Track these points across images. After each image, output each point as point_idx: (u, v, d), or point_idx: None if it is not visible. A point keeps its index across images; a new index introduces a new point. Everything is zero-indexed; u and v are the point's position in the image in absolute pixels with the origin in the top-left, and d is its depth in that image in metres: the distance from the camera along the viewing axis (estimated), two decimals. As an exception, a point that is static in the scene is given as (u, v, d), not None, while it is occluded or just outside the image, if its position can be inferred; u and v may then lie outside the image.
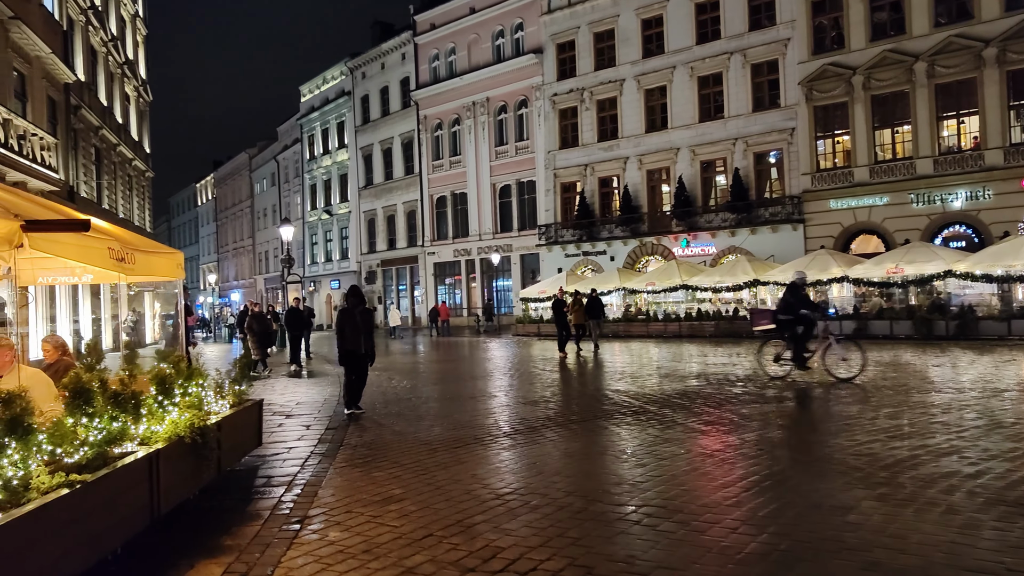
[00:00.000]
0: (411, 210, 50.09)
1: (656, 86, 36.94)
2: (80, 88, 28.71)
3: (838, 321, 23.81)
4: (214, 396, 6.78)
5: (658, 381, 13.43)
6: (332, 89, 57.91)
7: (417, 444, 8.11)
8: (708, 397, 10.97)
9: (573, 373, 15.58)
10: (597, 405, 10.61)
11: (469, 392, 12.85)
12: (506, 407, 10.78)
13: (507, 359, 20.44)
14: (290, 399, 12.61)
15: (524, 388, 13.15)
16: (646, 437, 8.03)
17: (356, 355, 10.39)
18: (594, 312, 23.01)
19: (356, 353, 10.38)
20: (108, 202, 32.62)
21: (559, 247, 39.98)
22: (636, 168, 37.48)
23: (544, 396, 11.88)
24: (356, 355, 10.39)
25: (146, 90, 41.62)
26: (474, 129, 45.24)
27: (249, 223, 74.66)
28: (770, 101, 33.79)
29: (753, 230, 33.48)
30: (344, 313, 10.51)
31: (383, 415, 10.43)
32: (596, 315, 23.19)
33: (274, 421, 10.11)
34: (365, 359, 10.49)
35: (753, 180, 34.16)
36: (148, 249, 6.43)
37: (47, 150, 20.90)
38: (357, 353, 10.38)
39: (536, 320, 33.02)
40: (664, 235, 36.18)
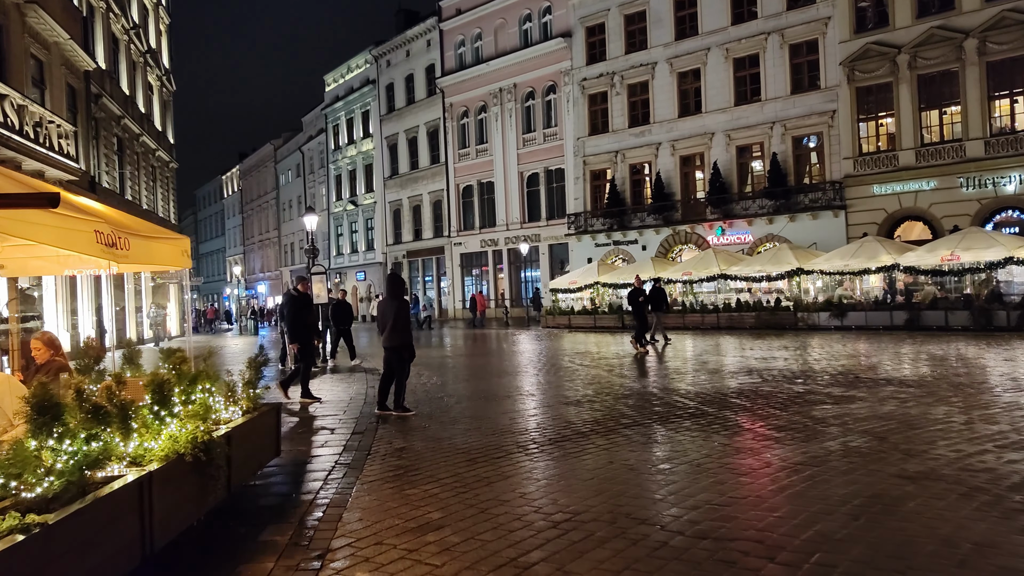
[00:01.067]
0: (437, 200, 49.27)
1: (689, 69, 35.69)
2: (101, 76, 28.16)
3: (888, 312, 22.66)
4: (224, 402, 5.94)
5: (707, 378, 12.44)
6: (357, 78, 57.18)
7: (453, 452, 7.23)
8: (769, 397, 9.97)
9: (615, 370, 14.61)
10: (647, 406, 9.66)
11: (505, 390, 11.96)
12: (547, 408, 9.87)
13: (541, 353, 19.53)
14: (316, 395, 11.79)
15: (564, 386, 12.23)
16: (714, 447, 7.07)
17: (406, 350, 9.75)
18: (658, 303, 20.96)
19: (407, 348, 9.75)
20: (131, 193, 32.14)
21: (589, 236, 38.94)
22: (669, 154, 36.30)
23: (587, 395, 10.95)
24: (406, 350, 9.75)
25: (169, 80, 41.14)
26: (501, 116, 44.25)
27: (274, 215, 74.36)
28: (809, 83, 32.44)
29: (792, 217, 32.20)
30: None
31: (413, 416, 9.57)
32: (660, 307, 21.17)
33: (295, 425, 9.29)
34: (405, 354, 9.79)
35: (792, 165, 32.86)
36: (148, 234, 5.58)
37: (65, 138, 20.29)
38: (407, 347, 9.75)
39: (567, 312, 32.06)
40: (698, 223, 35.00)
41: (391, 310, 9.74)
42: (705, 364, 14.72)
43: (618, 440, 7.53)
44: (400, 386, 9.82)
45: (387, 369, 9.80)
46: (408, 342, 9.75)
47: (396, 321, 9.62)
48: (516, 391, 11.70)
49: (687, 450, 6.96)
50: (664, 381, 12.26)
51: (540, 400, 10.62)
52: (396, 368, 9.79)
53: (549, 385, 12.37)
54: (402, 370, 9.80)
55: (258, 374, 6.49)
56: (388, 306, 9.78)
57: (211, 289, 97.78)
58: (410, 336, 9.80)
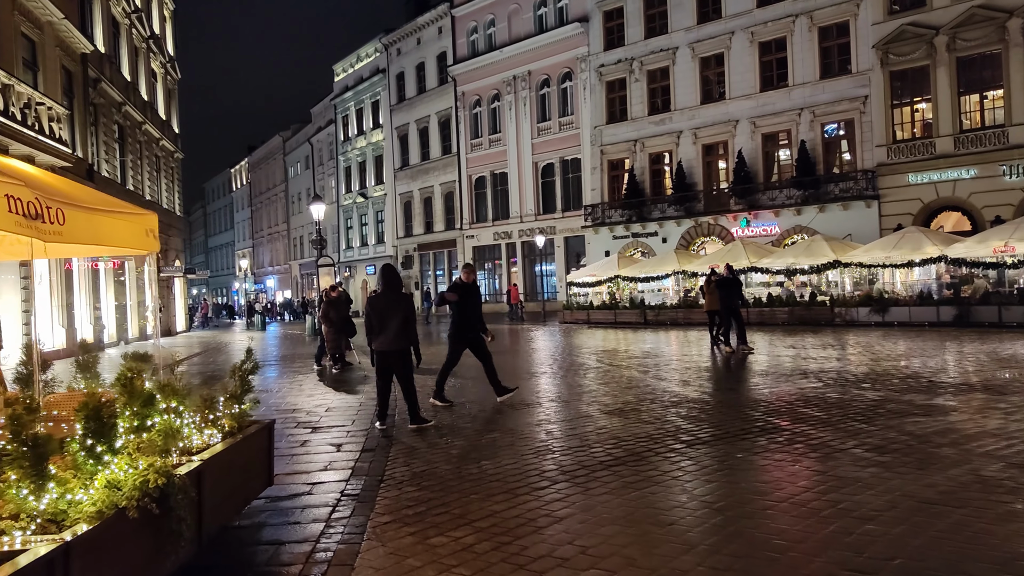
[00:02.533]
0: (449, 192, 47.94)
1: (712, 54, 34.20)
2: (100, 60, 26.94)
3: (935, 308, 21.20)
4: (199, 423, 4.64)
5: (760, 382, 11.09)
6: (366, 67, 55.86)
7: (485, 480, 5.92)
8: (844, 406, 8.61)
9: (650, 371, 13.27)
10: (704, 418, 8.32)
11: (534, 395, 10.63)
12: (587, 420, 8.53)
13: (564, 351, 18.19)
14: (319, 403, 10.50)
15: (599, 390, 10.90)
16: (812, 477, 5.73)
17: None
18: (733, 295, 17.40)
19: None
20: (133, 183, 30.94)
21: (606, 228, 37.53)
22: (690, 143, 34.84)
23: (628, 402, 9.62)
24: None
25: (174, 67, 39.92)
26: (515, 105, 42.85)
27: (283, 208, 73.22)
28: (840, 67, 30.92)
29: (821, 208, 30.70)
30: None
31: (432, 428, 8.26)
32: (735, 300, 17.53)
33: (296, 437, 8.00)
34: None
35: (821, 153, 31.38)
36: (95, 205, 4.27)
37: (56, 121, 19.06)
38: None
39: (585, 307, 30.69)
40: (721, 214, 33.55)
41: (397, 307, 8.36)
42: (751, 365, 13.35)
43: (685, 465, 6.19)
44: (407, 390, 8.51)
45: (385, 379, 8.50)
46: (416, 345, 8.45)
47: (406, 321, 8.27)
48: (547, 397, 10.36)
49: (779, 482, 5.62)
50: (712, 385, 10.91)
51: (576, 409, 9.28)
52: (402, 376, 8.43)
53: (583, 390, 11.03)
54: (410, 377, 8.47)
55: (244, 384, 5.19)
56: (390, 302, 8.37)
57: (220, 283, 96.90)
58: (417, 338, 8.51)
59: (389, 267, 8.79)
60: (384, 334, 8.26)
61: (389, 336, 8.26)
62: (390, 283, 8.51)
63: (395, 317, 8.31)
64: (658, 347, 18.29)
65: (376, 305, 8.36)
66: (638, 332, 24.27)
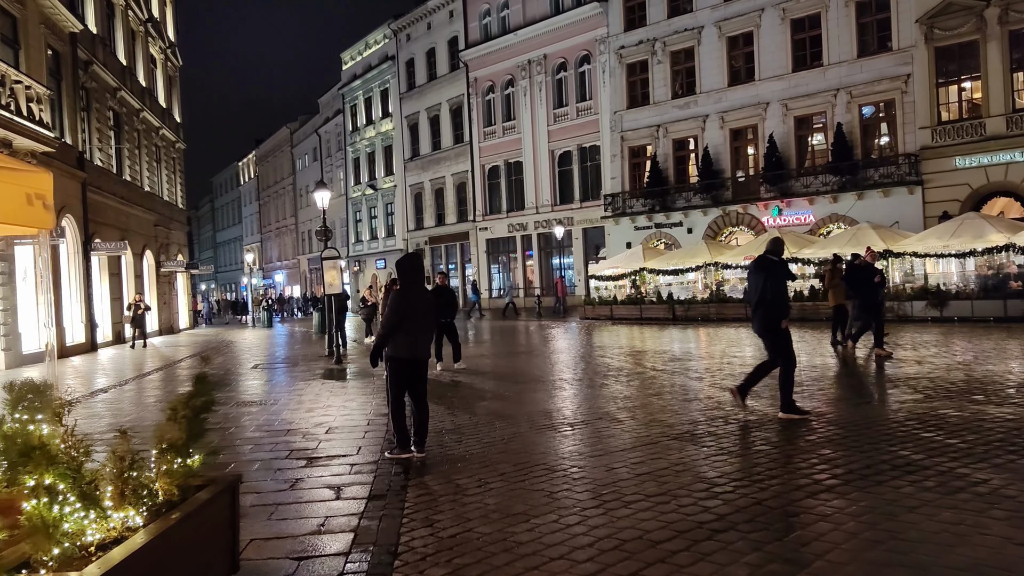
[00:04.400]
0: (461, 182, 46.18)
1: (741, 32, 32.27)
2: (92, 41, 25.30)
3: (1001, 302, 19.31)
4: (111, 498, 2.93)
5: (844, 394, 9.33)
6: (375, 54, 54.12)
7: (540, 557, 4.18)
8: (975, 428, 6.83)
9: (704, 378, 11.50)
10: (817, 456, 6.54)
11: (579, 412, 8.90)
12: (657, 449, 6.77)
13: (596, 353, 16.43)
14: (320, 421, 8.80)
15: (653, 404, 9.15)
16: (1011, 549, 3.98)
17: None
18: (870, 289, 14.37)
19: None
20: (130, 172, 29.33)
21: (627, 219, 35.69)
22: (717, 127, 32.94)
23: (698, 423, 7.86)
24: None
25: (175, 54, 38.27)
26: (530, 90, 41.01)
27: (291, 201, 71.65)
28: (879, 44, 28.96)
29: (860, 195, 28.77)
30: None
31: (458, 461, 6.54)
32: (872, 293, 14.26)
33: (285, 474, 6.29)
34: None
35: (859, 137, 29.43)
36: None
37: (37, 102, 17.41)
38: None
39: (608, 301, 28.91)
40: (751, 203, 31.66)
41: (430, 305, 6.84)
42: (822, 370, 11.54)
43: (826, 531, 4.43)
44: (422, 415, 6.87)
45: (403, 397, 6.85)
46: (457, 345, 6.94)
47: (434, 323, 6.74)
48: (595, 414, 8.60)
49: (984, 565, 3.86)
50: (816, 402, 9.10)
51: (637, 433, 7.51)
52: (422, 391, 6.83)
53: (634, 403, 9.27)
54: (423, 391, 6.84)
55: (194, 428, 3.47)
56: (423, 298, 6.80)
57: (229, 279, 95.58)
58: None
59: (415, 256, 7.23)
60: (416, 338, 6.67)
61: (422, 341, 6.76)
62: (417, 274, 6.92)
63: (429, 317, 6.84)
64: (700, 347, 16.51)
65: (409, 302, 6.67)
66: (668, 329, 22.48)
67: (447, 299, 13.54)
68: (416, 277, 6.87)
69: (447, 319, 13.35)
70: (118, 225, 26.98)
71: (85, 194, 23.25)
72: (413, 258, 7.04)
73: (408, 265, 6.92)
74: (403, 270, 6.88)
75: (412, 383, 6.72)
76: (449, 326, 13.47)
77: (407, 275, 6.85)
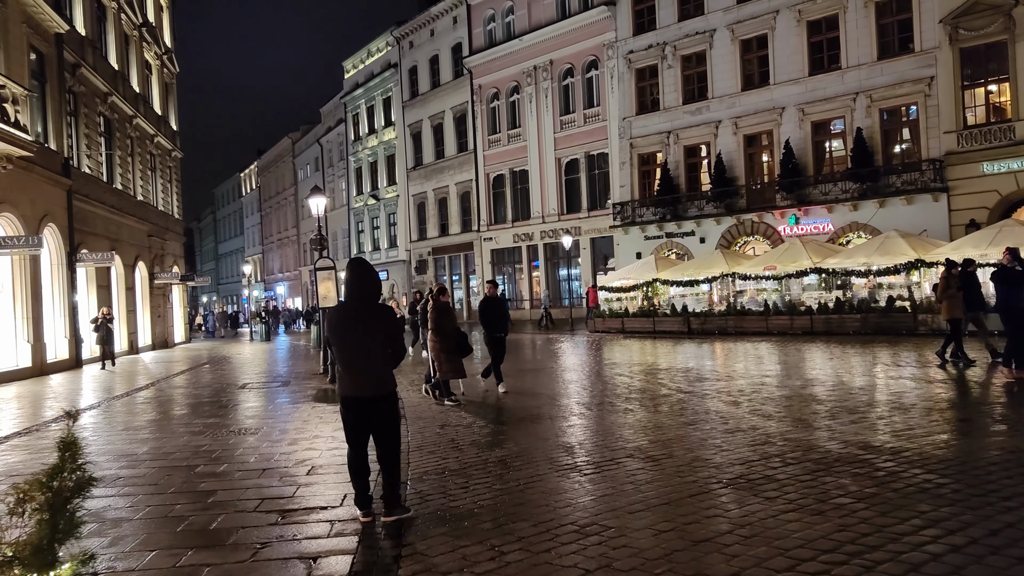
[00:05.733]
0: (465, 191, 45.04)
1: (754, 35, 31.14)
2: (81, 44, 24.25)
3: None
4: None
5: (931, 426, 8.08)
6: (377, 62, 53.15)
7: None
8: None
9: (740, 403, 10.27)
10: (924, 511, 5.29)
11: (605, 448, 7.67)
12: (706, 500, 5.52)
13: (614, 370, 15.18)
14: (303, 457, 7.57)
15: (696, 438, 7.88)
16: None
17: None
18: (976, 297, 13.55)
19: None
20: (122, 181, 28.22)
21: (637, 228, 34.48)
22: (730, 133, 31.76)
23: (751, 461, 6.61)
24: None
25: (171, 60, 37.26)
26: (535, 97, 39.92)
27: (293, 212, 70.61)
28: (900, 46, 27.79)
29: (881, 202, 27.53)
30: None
31: (465, 518, 5.29)
32: (978, 302, 13.57)
33: (250, 536, 5.05)
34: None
35: (879, 142, 28.21)
36: None
37: (12, 102, 16.28)
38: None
39: (619, 314, 27.66)
40: (767, 211, 30.42)
41: (360, 325, 5.18)
42: (897, 398, 10.27)
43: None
44: (390, 461, 5.29)
45: (360, 447, 5.32)
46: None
47: (389, 345, 5.24)
48: (624, 450, 7.33)
49: None
50: (875, 434, 7.80)
51: (680, 477, 6.25)
52: (386, 434, 5.25)
53: (672, 438, 7.99)
54: (398, 436, 5.35)
55: (64, 514, 2.24)
56: (352, 318, 5.23)
57: (230, 291, 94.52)
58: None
59: (360, 261, 5.50)
60: (351, 369, 5.16)
61: (365, 374, 5.15)
62: (357, 285, 5.26)
63: (363, 341, 5.15)
64: (724, 364, 15.26)
65: (332, 321, 5.25)
66: (684, 343, 21.22)
67: (500, 311, 12.27)
68: (355, 288, 5.22)
69: (501, 334, 12.10)
70: (107, 235, 25.85)
71: (71, 202, 22.13)
72: (354, 264, 5.36)
73: (349, 274, 5.32)
74: (346, 279, 5.42)
75: (368, 428, 5.22)
76: (498, 342, 12.07)
77: (346, 285, 5.39)
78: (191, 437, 9.05)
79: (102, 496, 6.03)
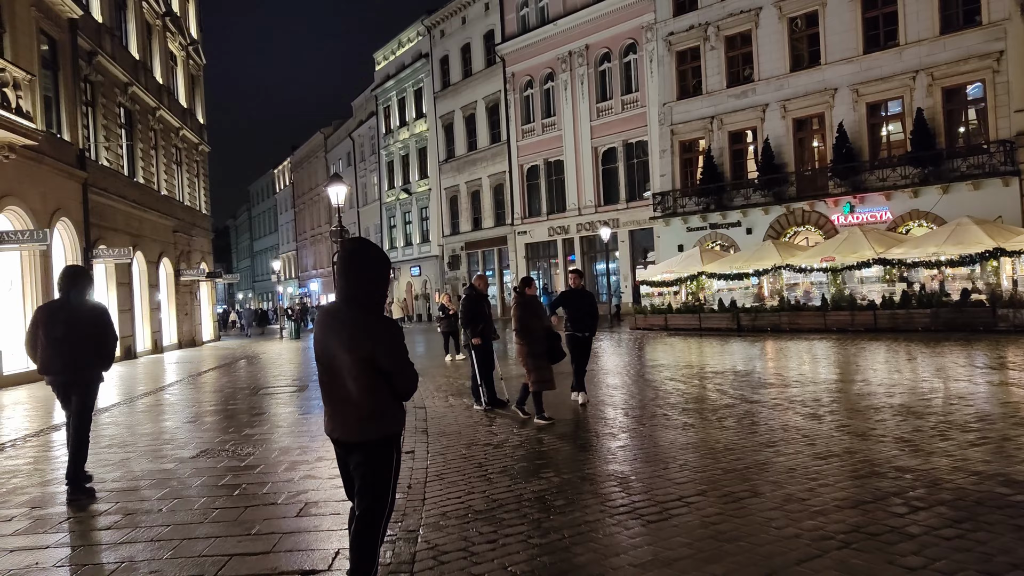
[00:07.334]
0: (498, 184, 43.67)
1: (804, 12, 29.26)
2: (98, 31, 23.35)
3: None
4: None
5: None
6: (408, 53, 51.96)
7: None
8: None
9: (855, 430, 8.75)
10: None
11: (670, 473, 6.23)
12: (849, 561, 4.08)
13: (664, 373, 13.69)
14: (299, 489, 6.23)
15: (791, 470, 6.36)
16: None
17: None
18: None
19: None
20: (144, 174, 27.34)
21: (679, 220, 32.78)
22: (779, 117, 29.91)
23: (906, 519, 5.13)
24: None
25: (197, 52, 36.41)
26: (571, 84, 38.37)
27: (326, 208, 69.69)
28: (965, 19, 25.74)
29: (945, 188, 25.53)
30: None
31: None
32: None
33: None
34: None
35: (942, 123, 26.19)
36: None
37: (12, 87, 15.26)
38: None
39: (662, 310, 26.07)
40: (819, 199, 28.54)
41: (374, 339, 3.50)
42: (1013, 410, 8.63)
43: None
44: (361, 537, 3.59)
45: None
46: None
47: (396, 367, 3.59)
48: (694, 485, 5.88)
49: None
50: (1011, 463, 6.24)
51: (780, 529, 4.76)
52: (362, 494, 3.59)
53: (751, 466, 6.51)
54: (374, 501, 3.60)
55: None
56: (354, 326, 3.55)
57: (265, 288, 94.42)
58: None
59: (353, 242, 3.68)
60: (331, 399, 3.69)
61: (342, 404, 3.61)
62: (349, 277, 3.55)
63: (350, 358, 3.50)
64: (785, 366, 13.66)
65: (317, 330, 3.74)
66: (733, 342, 19.61)
67: (587, 307, 10.18)
68: (341, 282, 3.60)
69: (586, 333, 10.10)
70: (128, 230, 24.95)
71: (86, 196, 21.19)
72: (345, 247, 3.65)
73: (337, 260, 3.75)
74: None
75: (351, 481, 3.71)
76: (582, 343, 10.11)
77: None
78: (154, 462, 7.79)
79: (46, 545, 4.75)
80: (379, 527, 3.56)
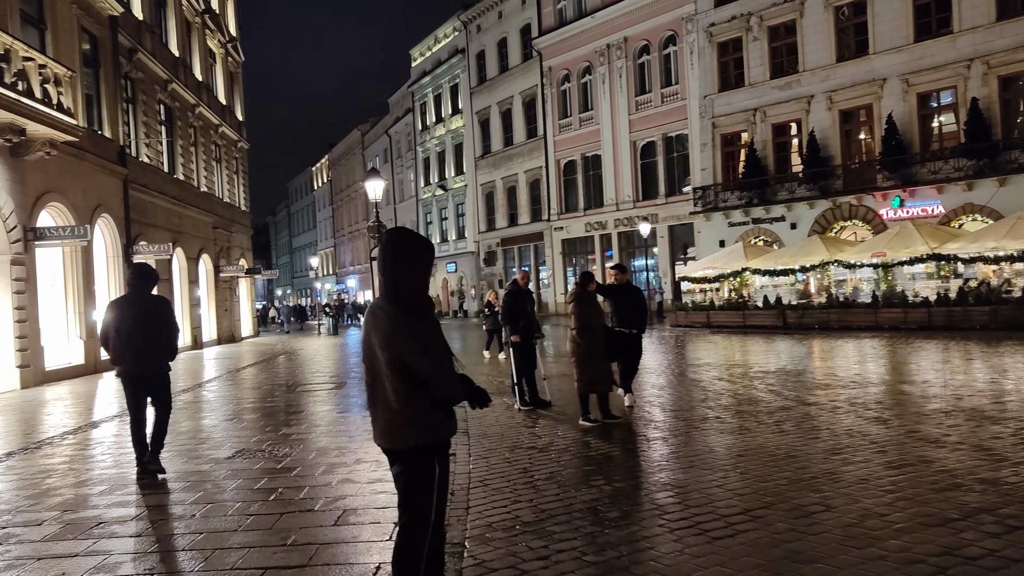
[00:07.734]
0: (535, 179, 43.29)
1: (851, 0, 28.38)
2: (138, 28, 23.46)
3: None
4: None
5: None
6: (444, 49, 51.80)
7: None
8: None
9: (948, 446, 8.23)
10: None
11: (729, 482, 5.84)
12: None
13: (711, 372, 13.22)
14: (337, 494, 5.95)
15: (864, 480, 5.91)
16: None
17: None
18: None
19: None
20: (184, 171, 27.48)
21: (720, 215, 32.09)
22: (824, 109, 29.08)
23: (1010, 546, 4.67)
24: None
25: (236, 49, 36.59)
26: (609, 78, 37.82)
27: (363, 204, 69.85)
28: (1023, 4, 24.70)
29: (1001, 180, 24.55)
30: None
31: None
32: None
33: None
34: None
35: (998, 113, 25.20)
36: None
37: (55, 84, 15.28)
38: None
39: (703, 307, 25.49)
40: (866, 193, 27.67)
41: (402, 343, 3.19)
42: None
43: None
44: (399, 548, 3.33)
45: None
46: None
47: (425, 374, 3.26)
48: (758, 496, 5.44)
49: None
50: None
51: (856, 545, 4.33)
52: (401, 502, 3.31)
53: (819, 476, 6.03)
54: (412, 511, 3.30)
55: None
56: (387, 327, 3.26)
57: (304, 284, 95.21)
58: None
59: (392, 233, 3.46)
60: (373, 405, 3.38)
61: (377, 411, 3.33)
62: (387, 273, 3.30)
63: (380, 363, 3.24)
64: (837, 365, 13.10)
65: (362, 331, 3.53)
66: (779, 340, 19.01)
67: (636, 304, 9.42)
68: (382, 279, 3.35)
69: (636, 330, 9.28)
70: (168, 227, 25.08)
71: (127, 192, 21.28)
72: (385, 239, 3.44)
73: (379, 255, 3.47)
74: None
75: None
76: (632, 340, 9.27)
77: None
78: (189, 462, 7.58)
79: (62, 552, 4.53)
80: (420, 545, 3.25)
